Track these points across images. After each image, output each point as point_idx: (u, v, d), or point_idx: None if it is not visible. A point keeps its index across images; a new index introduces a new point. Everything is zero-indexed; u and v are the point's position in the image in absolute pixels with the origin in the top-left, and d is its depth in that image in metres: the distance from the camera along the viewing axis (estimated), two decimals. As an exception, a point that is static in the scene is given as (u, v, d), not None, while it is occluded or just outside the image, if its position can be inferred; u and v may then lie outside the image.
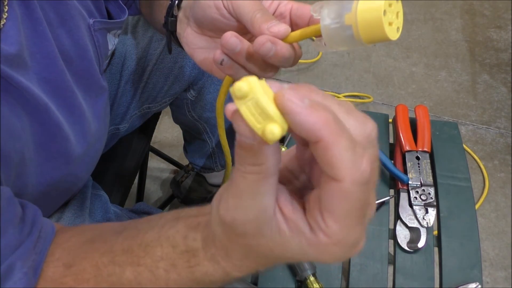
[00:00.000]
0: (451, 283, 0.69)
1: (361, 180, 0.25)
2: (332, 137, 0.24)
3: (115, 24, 0.61)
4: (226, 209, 0.29)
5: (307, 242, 0.28)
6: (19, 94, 0.43)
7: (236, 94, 0.24)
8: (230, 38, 0.40)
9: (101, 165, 0.70)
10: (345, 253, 0.28)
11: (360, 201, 0.26)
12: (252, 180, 0.27)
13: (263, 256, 0.31)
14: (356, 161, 0.25)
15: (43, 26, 0.46)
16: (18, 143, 0.44)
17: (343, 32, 0.33)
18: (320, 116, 0.24)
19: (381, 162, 0.80)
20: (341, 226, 0.27)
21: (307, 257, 0.29)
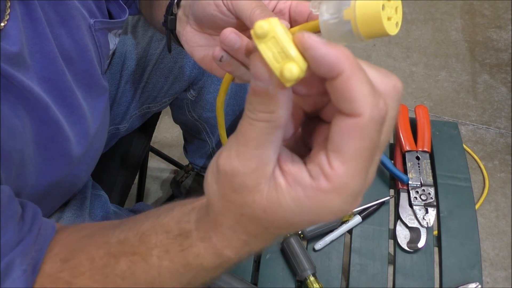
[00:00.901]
0: (451, 283, 0.69)
1: (378, 118, 0.25)
2: (353, 69, 0.24)
3: (116, 24, 0.61)
4: (228, 157, 0.28)
5: (305, 192, 0.26)
6: (20, 93, 0.43)
7: (257, 33, 0.24)
8: (230, 35, 0.40)
9: (101, 165, 0.70)
10: (344, 204, 0.26)
11: (372, 142, 0.25)
12: (260, 128, 0.26)
13: (256, 221, 0.29)
14: (375, 97, 0.25)
15: (43, 26, 0.46)
16: (18, 143, 0.44)
17: (342, 27, 0.33)
18: (340, 50, 0.24)
19: (381, 162, 0.80)
20: (347, 167, 0.25)
21: (301, 215, 0.27)
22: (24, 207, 0.43)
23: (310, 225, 0.29)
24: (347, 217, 0.75)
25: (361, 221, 0.75)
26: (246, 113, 0.27)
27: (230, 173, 0.28)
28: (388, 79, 0.27)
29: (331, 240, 0.73)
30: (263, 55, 0.25)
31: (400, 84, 0.28)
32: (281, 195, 0.27)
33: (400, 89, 0.28)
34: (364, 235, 0.75)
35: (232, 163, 0.28)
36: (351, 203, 0.27)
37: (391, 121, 0.27)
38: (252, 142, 0.27)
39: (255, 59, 0.25)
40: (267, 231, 0.30)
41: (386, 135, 0.28)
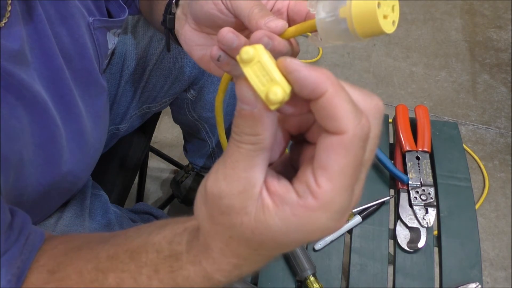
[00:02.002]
0: (451, 283, 0.69)
1: (361, 134, 0.26)
2: (335, 88, 0.25)
3: (115, 23, 0.61)
4: (215, 180, 0.28)
5: (292, 211, 0.27)
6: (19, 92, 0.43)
7: (242, 57, 0.26)
8: (227, 34, 0.40)
9: (101, 165, 0.70)
10: (331, 220, 0.27)
11: (357, 158, 0.26)
12: (247, 150, 0.27)
13: (245, 243, 0.29)
14: (357, 115, 0.26)
15: (43, 24, 0.46)
16: (16, 144, 0.44)
17: (338, 26, 0.33)
18: (322, 71, 0.25)
19: (381, 162, 0.80)
20: (333, 184, 0.26)
21: (289, 234, 0.27)
22: (13, 216, 0.43)
23: (298, 245, 0.29)
24: (347, 217, 0.75)
25: (361, 221, 0.75)
26: (233, 136, 0.28)
27: (217, 195, 0.28)
28: (370, 98, 0.28)
29: (331, 240, 0.73)
30: (249, 78, 0.26)
31: (381, 104, 0.29)
32: (268, 216, 0.27)
33: (382, 108, 0.29)
34: (364, 235, 0.75)
35: (220, 185, 0.28)
36: (338, 220, 0.27)
37: (375, 139, 0.28)
38: (238, 164, 0.27)
39: (240, 83, 0.26)
40: (256, 253, 0.30)
41: (370, 153, 0.28)
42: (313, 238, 0.28)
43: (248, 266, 0.31)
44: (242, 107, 0.26)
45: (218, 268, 0.31)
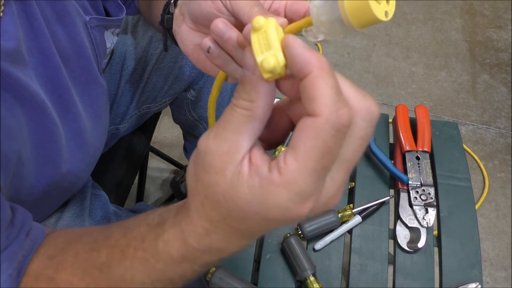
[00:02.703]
0: (451, 283, 0.69)
1: (335, 122, 0.25)
2: (322, 71, 0.26)
3: (112, 22, 0.61)
4: (207, 137, 0.29)
5: (259, 182, 0.27)
6: (17, 92, 0.43)
7: (254, 25, 0.28)
8: (219, 24, 0.40)
9: (101, 165, 0.70)
10: (290, 201, 0.27)
11: (325, 145, 0.26)
12: (239, 114, 0.28)
13: (216, 207, 0.30)
14: (337, 103, 0.26)
15: (38, 22, 0.46)
16: (14, 143, 0.44)
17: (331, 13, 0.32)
18: (314, 53, 0.26)
19: (381, 162, 0.80)
20: (298, 164, 0.26)
21: (252, 204, 0.28)
22: (14, 212, 0.43)
23: (262, 221, 0.29)
24: (347, 217, 0.75)
25: (361, 221, 0.75)
26: (232, 100, 0.29)
27: (203, 151, 0.29)
28: (364, 99, 0.28)
29: (331, 240, 0.73)
30: (252, 44, 0.27)
31: (375, 108, 0.28)
32: (240, 182, 0.28)
33: (374, 112, 0.28)
34: (364, 235, 0.75)
35: (208, 142, 0.29)
36: (298, 203, 0.27)
37: (360, 140, 0.28)
38: (229, 126, 0.28)
39: (247, 49, 0.28)
40: (226, 223, 0.30)
41: (353, 153, 0.28)
42: (273, 215, 0.28)
43: (219, 238, 0.31)
44: (244, 73, 0.28)
45: (193, 230, 0.32)
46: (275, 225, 0.29)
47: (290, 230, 0.75)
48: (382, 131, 0.87)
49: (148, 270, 0.36)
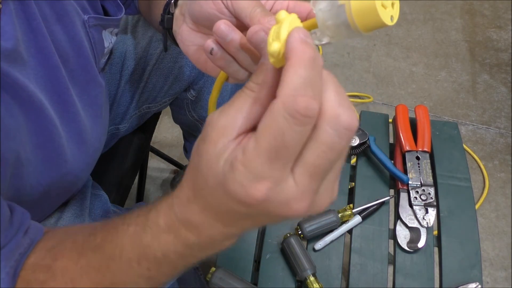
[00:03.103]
0: (451, 283, 0.69)
1: (289, 107, 0.26)
2: (297, 61, 0.26)
3: (110, 21, 0.60)
4: (215, 111, 0.31)
5: (229, 156, 0.28)
6: (15, 92, 0.43)
7: (277, 18, 0.31)
8: (222, 25, 0.40)
9: (101, 165, 0.70)
10: (246, 180, 0.27)
11: (279, 128, 0.26)
12: (245, 94, 0.30)
13: (199, 174, 0.31)
14: (298, 91, 0.26)
15: (37, 21, 0.46)
16: (12, 143, 0.44)
17: (337, 16, 0.33)
18: (304, 48, 0.27)
19: (381, 162, 0.80)
20: (255, 144, 0.27)
21: (220, 175, 0.29)
22: (12, 211, 0.43)
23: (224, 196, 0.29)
24: (347, 217, 0.75)
25: (361, 221, 0.75)
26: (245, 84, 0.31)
27: (208, 122, 0.31)
28: (337, 107, 0.27)
29: (331, 240, 0.73)
30: (270, 33, 0.30)
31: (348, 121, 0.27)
32: (222, 156, 0.29)
33: (345, 123, 0.27)
34: (364, 235, 0.75)
35: (213, 115, 0.30)
36: (251, 181, 0.27)
37: (323, 146, 0.27)
38: (234, 103, 0.30)
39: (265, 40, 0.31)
40: (202, 193, 0.31)
41: (314, 156, 0.27)
42: (230, 189, 0.28)
43: (195, 210, 0.32)
44: (261, 60, 0.30)
45: (178, 196, 0.33)
46: (235, 206, 0.29)
47: (290, 230, 0.75)
48: (382, 131, 0.87)
49: (136, 244, 0.36)
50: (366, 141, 0.82)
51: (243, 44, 0.41)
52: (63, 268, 0.40)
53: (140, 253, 0.36)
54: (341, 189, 0.79)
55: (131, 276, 0.37)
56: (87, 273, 0.39)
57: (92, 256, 0.39)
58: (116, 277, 0.38)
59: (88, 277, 0.39)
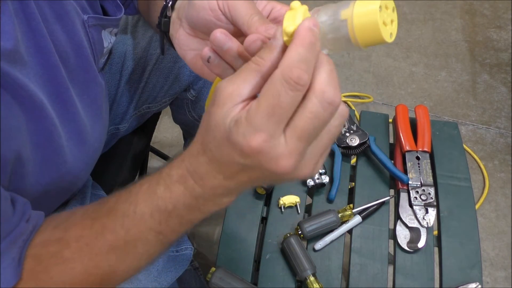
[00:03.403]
0: (451, 283, 0.69)
1: (285, 74, 0.32)
2: (299, 42, 0.32)
3: (110, 21, 0.60)
4: (224, 79, 0.35)
5: (235, 116, 0.34)
6: (16, 92, 0.43)
7: (291, 6, 0.36)
8: (220, 35, 0.41)
9: (101, 165, 0.70)
10: (245, 128, 0.33)
11: (276, 90, 0.32)
12: (250, 66, 0.35)
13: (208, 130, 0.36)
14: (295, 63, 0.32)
15: (37, 21, 0.46)
16: (13, 143, 0.44)
17: (338, 30, 0.35)
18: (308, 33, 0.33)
19: (381, 162, 0.80)
20: (257, 102, 0.33)
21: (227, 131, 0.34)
22: (14, 202, 0.44)
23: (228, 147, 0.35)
24: (347, 217, 0.75)
25: (361, 221, 0.75)
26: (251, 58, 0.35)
27: (217, 88, 0.35)
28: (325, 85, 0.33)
29: (331, 240, 0.73)
30: (284, 17, 0.35)
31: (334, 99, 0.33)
32: (229, 116, 0.34)
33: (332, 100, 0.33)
34: (364, 235, 0.75)
35: (222, 82, 0.35)
36: (250, 132, 0.33)
37: (310, 114, 0.33)
38: (240, 74, 0.35)
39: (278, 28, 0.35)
40: (209, 147, 0.36)
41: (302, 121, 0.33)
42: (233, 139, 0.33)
43: (203, 161, 0.37)
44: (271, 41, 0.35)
45: (189, 150, 0.38)
46: (236, 156, 0.34)
47: (290, 230, 0.75)
48: (382, 131, 0.87)
49: (150, 197, 0.40)
50: (366, 141, 0.82)
51: (240, 52, 0.42)
52: (77, 236, 0.42)
53: (153, 206, 0.40)
54: (341, 189, 0.79)
55: (143, 231, 0.41)
56: (102, 234, 0.42)
57: (106, 219, 0.42)
58: (129, 234, 0.41)
59: (104, 238, 0.42)
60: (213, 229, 1.29)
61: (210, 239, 1.27)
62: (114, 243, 0.42)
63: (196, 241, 1.25)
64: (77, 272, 0.42)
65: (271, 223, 0.76)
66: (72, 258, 0.42)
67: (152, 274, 0.67)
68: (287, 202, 0.77)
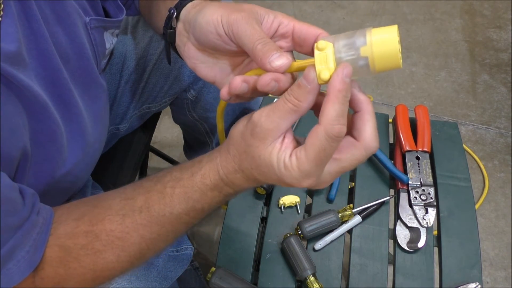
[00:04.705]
0: (451, 283, 0.69)
1: (328, 131, 0.37)
2: (335, 98, 0.37)
3: (112, 23, 0.60)
4: (260, 113, 0.40)
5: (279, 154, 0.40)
6: (20, 92, 0.43)
7: (318, 46, 0.39)
8: (241, 85, 0.43)
9: (101, 165, 0.70)
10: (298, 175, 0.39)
11: (322, 145, 0.38)
12: (288, 107, 0.39)
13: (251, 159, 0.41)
14: (335, 120, 0.37)
15: (38, 24, 0.46)
16: (19, 140, 0.44)
17: (356, 63, 0.38)
18: (342, 87, 0.37)
19: (381, 162, 0.80)
20: (305, 154, 0.39)
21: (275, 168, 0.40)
22: (23, 193, 0.45)
23: (277, 181, 0.42)
24: (347, 217, 0.75)
25: (361, 221, 0.75)
26: (285, 95, 0.40)
27: (256, 123, 0.40)
28: (375, 142, 0.41)
29: (331, 240, 0.73)
30: (315, 60, 0.39)
31: (375, 151, 0.42)
32: (273, 151, 0.40)
33: (372, 152, 0.41)
34: (364, 235, 0.75)
35: (261, 118, 0.40)
36: (302, 178, 0.39)
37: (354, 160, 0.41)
38: (278, 112, 0.39)
39: (310, 67, 0.39)
40: (251, 171, 0.42)
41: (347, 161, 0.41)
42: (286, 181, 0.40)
43: (241, 178, 0.43)
44: (302, 82, 0.39)
45: (226, 166, 0.43)
46: (283, 184, 0.41)
47: (290, 230, 0.75)
48: (382, 131, 0.87)
49: (186, 202, 0.44)
50: (366, 141, 0.82)
51: (254, 88, 0.44)
52: (107, 230, 0.45)
53: (189, 207, 0.45)
54: (341, 189, 0.79)
55: (176, 226, 0.46)
56: (135, 229, 0.45)
57: (138, 216, 0.45)
58: (163, 229, 0.46)
59: (137, 232, 0.45)
60: (213, 229, 1.29)
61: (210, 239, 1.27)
62: (148, 236, 0.46)
63: (196, 241, 1.25)
64: (109, 261, 0.46)
65: (271, 223, 0.76)
66: (104, 250, 0.45)
67: (152, 274, 0.67)
68: (287, 202, 0.77)
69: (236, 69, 0.50)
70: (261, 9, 0.45)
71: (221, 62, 0.50)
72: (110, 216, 0.46)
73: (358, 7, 1.94)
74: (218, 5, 0.47)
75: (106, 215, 0.46)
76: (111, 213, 0.46)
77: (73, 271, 0.46)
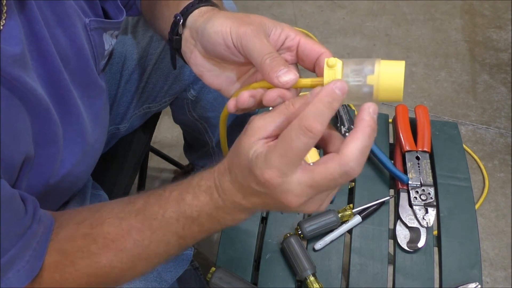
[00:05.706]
0: (451, 283, 0.69)
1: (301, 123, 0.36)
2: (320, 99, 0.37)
3: (111, 25, 0.60)
4: (257, 115, 0.40)
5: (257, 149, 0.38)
6: (23, 95, 0.43)
7: (328, 63, 0.40)
8: (248, 100, 0.44)
9: (101, 165, 0.70)
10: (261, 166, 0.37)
11: (290, 135, 0.36)
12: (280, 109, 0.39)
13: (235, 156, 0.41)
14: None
15: (39, 25, 0.46)
16: (22, 145, 0.44)
17: (361, 89, 0.39)
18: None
19: (381, 162, 0.80)
20: (272, 147, 0.37)
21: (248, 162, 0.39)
22: (25, 201, 0.45)
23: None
24: (347, 217, 0.75)
25: (361, 221, 0.75)
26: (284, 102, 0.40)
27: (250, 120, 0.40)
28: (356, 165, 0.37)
29: (331, 240, 0.74)
30: (324, 75, 0.40)
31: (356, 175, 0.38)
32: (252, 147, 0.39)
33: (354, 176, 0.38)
34: (364, 235, 0.75)
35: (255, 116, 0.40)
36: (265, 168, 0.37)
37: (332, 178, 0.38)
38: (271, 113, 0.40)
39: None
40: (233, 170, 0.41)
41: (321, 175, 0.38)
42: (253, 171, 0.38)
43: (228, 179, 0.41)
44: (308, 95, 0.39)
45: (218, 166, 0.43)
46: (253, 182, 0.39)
47: (290, 230, 0.75)
48: (382, 131, 0.87)
49: (178, 203, 0.43)
50: (366, 141, 0.82)
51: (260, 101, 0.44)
52: (104, 232, 0.45)
53: (181, 212, 0.43)
54: (341, 189, 0.79)
55: (167, 234, 0.44)
56: (129, 233, 0.45)
57: (134, 219, 0.45)
58: (155, 235, 0.44)
59: (130, 237, 0.45)
60: (213, 229, 1.29)
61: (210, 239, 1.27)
62: (140, 242, 0.45)
63: (196, 241, 1.25)
64: (101, 265, 0.45)
65: (271, 223, 0.76)
66: (98, 253, 0.45)
67: (152, 274, 0.67)
68: (287, 202, 0.77)
69: (242, 78, 0.50)
70: (270, 21, 0.46)
71: (227, 71, 0.50)
72: (109, 219, 0.46)
73: (358, 7, 1.94)
74: (227, 15, 0.47)
75: (106, 218, 0.46)
76: (111, 216, 0.46)
77: (68, 276, 0.46)
